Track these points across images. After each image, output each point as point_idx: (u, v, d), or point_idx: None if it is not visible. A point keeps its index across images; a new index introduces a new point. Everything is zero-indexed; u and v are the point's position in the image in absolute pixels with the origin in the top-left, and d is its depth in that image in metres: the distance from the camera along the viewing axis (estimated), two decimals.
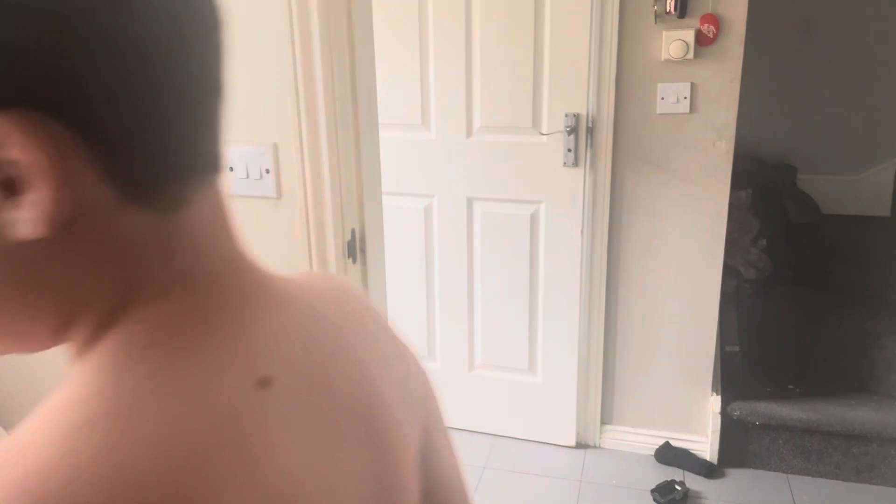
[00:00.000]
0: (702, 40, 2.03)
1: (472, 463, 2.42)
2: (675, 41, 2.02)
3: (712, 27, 2.01)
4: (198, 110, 0.37)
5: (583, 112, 2.15)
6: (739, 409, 2.31)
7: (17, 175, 0.31)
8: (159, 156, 0.36)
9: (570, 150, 2.18)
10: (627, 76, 2.12)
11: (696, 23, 2.02)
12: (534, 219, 2.30)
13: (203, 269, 0.39)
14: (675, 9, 2.00)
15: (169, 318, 0.37)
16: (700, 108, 2.09)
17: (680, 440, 2.38)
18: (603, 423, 2.46)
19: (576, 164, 2.19)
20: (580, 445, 2.47)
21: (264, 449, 0.35)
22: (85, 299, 0.36)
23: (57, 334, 0.37)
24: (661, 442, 2.39)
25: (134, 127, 0.34)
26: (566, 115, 2.15)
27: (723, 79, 2.05)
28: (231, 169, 1.23)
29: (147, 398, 0.33)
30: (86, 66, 0.31)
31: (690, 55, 2.03)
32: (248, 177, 1.22)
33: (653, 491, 2.21)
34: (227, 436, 0.34)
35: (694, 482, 2.27)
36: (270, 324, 0.41)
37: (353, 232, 1.27)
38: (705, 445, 2.35)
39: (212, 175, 0.40)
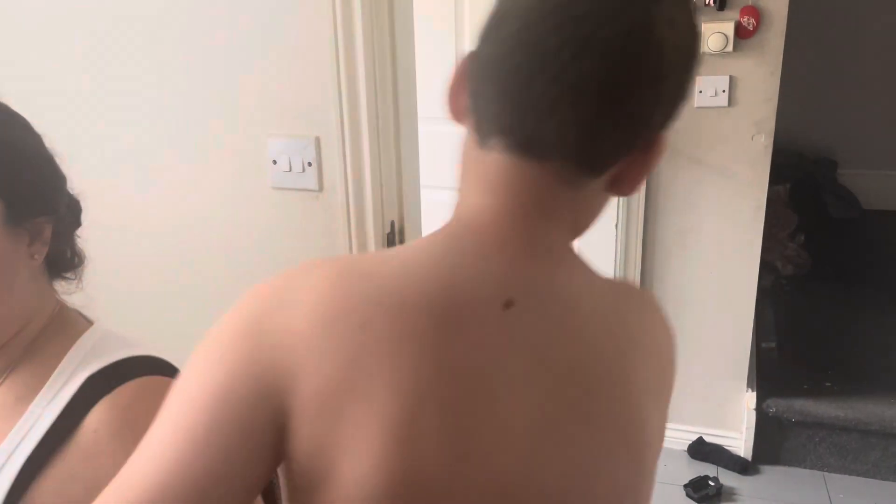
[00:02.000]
0: (741, 33, 2.00)
1: None
2: (713, 34, 2.00)
3: (752, 19, 1.98)
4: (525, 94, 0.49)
5: None
6: (775, 405, 2.29)
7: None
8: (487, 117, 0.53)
9: None
10: None
11: (735, 15, 1.99)
12: None
13: (489, 216, 0.54)
14: (715, 1, 1.98)
15: (460, 228, 0.55)
16: (739, 101, 2.06)
17: (714, 436, 2.37)
18: None
19: None
20: None
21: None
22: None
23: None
24: (695, 437, 2.37)
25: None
26: None
27: (763, 72, 2.03)
28: (274, 162, 1.26)
29: (433, 257, 0.52)
30: None
31: (729, 48, 2.00)
32: (290, 170, 1.25)
33: (685, 486, 2.20)
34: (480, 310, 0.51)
35: (728, 478, 2.26)
36: (533, 282, 0.53)
37: (392, 224, 1.30)
38: (740, 442, 2.33)
39: (526, 152, 0.52)
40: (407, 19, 1.29)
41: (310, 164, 1.24)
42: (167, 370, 0.68)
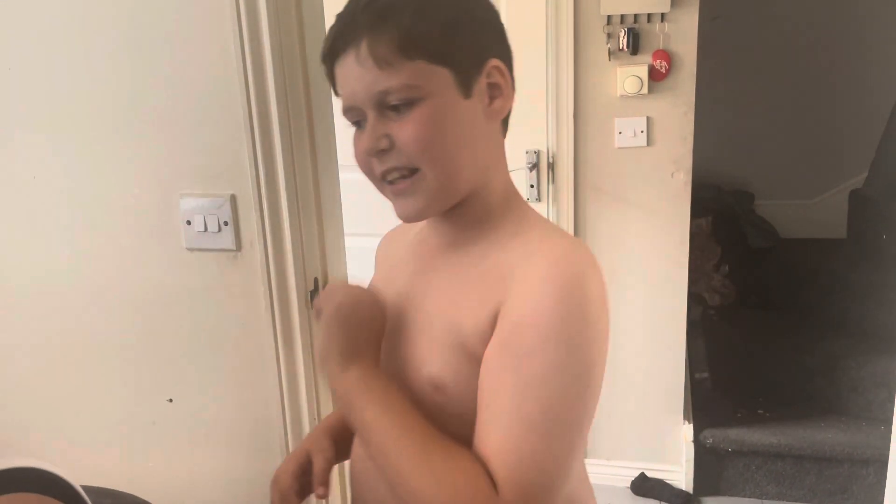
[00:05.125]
0: (655, 75, 2.07)
1: None
2: (629, 77, 2.06)
3: (664, 62, 2.05)
4: None
5: (543, 148, 2.17)
6: (712, 436, 2.31)
7: (498, 90, 0.75)
8: None
9: (532, 186, 2.19)
10: (585, 112, 2.15)
11: (648, 59, 2.06)
12: None
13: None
14: (628, 45, 2.05)
15: (522, 202, 0.82)
16: (657, 140, 2.12)
17: (655, 470, 2.37)
18: None
19: (538, 199, 2.20)
20: None
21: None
22: (493, 169, 0.77)
23: (476, 187, 0.76)
24: (637, 473, 2.37)
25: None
26: (527, 152, 2.17)
27: (677, 112, 2.10)
28: (188, 222, 1.20)
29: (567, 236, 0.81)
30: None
31: (645, 90, 2.07)
32: (206, 230, 1.20)
33: None
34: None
35: None
36: None
37: (315, 281, 1.25)
38: (680, 475, 2.34)
39: None
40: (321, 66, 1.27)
41: (226, 224, 1.19)
42: (47, 484, 0.59)
